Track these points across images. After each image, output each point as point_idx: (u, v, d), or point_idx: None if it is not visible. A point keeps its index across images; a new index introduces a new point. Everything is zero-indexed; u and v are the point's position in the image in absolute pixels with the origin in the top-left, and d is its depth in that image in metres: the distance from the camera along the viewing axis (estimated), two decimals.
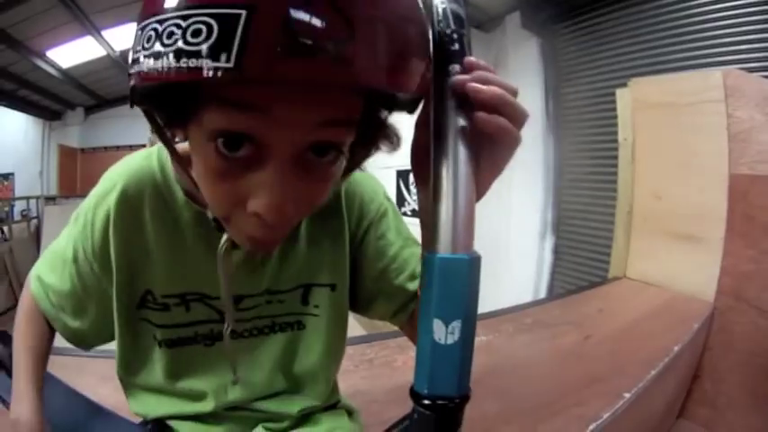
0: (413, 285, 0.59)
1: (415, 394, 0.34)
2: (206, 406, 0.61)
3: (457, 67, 0.33)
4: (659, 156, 1.94)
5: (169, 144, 0.40)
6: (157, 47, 0.28)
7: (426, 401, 0.33)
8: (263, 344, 0.62)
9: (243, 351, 0.61)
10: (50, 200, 7.00)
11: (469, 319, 0.33)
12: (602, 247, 2.67)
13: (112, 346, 0.60)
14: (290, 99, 0.30)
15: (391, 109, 0.39)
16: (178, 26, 0.27)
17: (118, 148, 8.01)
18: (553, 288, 3.12)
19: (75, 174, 7.98)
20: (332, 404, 0.69)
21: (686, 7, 2.38)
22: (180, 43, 0.27)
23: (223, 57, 0.26)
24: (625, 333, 1.36)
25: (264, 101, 0.30)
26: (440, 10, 0.33)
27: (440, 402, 0.33)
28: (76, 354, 0.95)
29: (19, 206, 6.82)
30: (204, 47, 0.27)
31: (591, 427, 0.90)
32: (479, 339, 1.39)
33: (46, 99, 7.05)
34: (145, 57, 0.29)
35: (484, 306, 0.39)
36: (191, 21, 0.27)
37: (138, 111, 0.36)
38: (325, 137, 0.34)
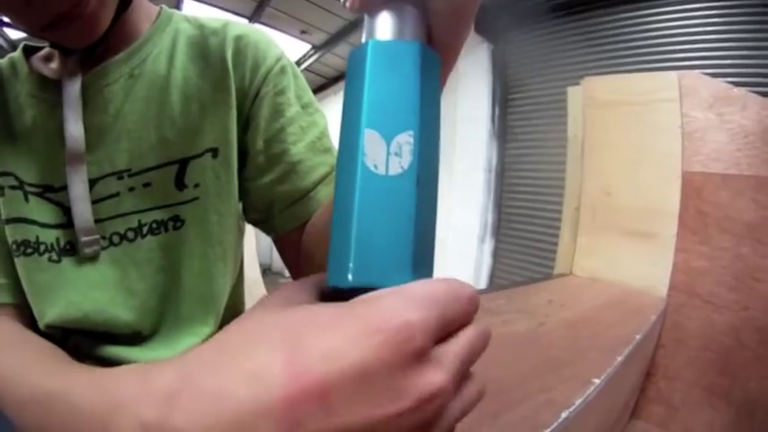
0: (315, 160, 0.47)
1: (330, 296, 0.21)
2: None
3: None
4: (610, 152, 1.90)
5: None
6: None
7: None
8: (129, 258, 0.45)
9: (101, 271, 0.45)
10: None
11: (430, 138, 0.21)
12: (544, 251, 2.61)
13: None
14: None
15: None
16: None
17: None
18: None
19: None
20: None
21: (640, 15, 2.41)
22: None
23: None
24: (581, 322, 1.23)
25: None
26: None
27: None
28: None
29: None
30: None
31: (564, 415, 0.73)
32: None
33: None
34: None
35: None
36: None
37: None
38: None
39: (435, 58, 0.23)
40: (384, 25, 0.22)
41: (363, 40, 0.22)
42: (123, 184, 0.44)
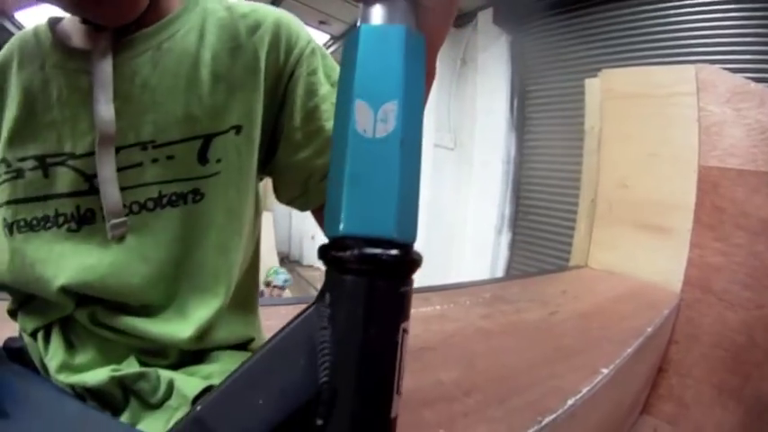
0: None
1: (323, 249, 0.23)
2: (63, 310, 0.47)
3: None
4: (626, 145, 1.89)
5: None
6: None
7: (339, 253, 0.21)
8: (147, 227, 0.46)
9: (117, 239, 0.46)
10: None
11: (413, 106, 0.23)
12: (560, 243, 2.62)
13: None
14: None
15: None
16: None
17: None
18: None
19: None
20: (243, 342, 0.54)
21: (658, 8, 2.37)
22: None
23: None
24: (593, 313, 1.25)
25: None
26: None
27: (366, 251, 0.21)
28: None
29: None
30: None
31: (570, 402, 0.76)
32: (433, 308, 1.24)
33: None
34: None
35: None
36: None
37: None
38: None
39: (420, 40, 0.26)
40: (376, 12, 0.25)
41: (358, 24, 0.26)
42: (147, 154, 0.45)
